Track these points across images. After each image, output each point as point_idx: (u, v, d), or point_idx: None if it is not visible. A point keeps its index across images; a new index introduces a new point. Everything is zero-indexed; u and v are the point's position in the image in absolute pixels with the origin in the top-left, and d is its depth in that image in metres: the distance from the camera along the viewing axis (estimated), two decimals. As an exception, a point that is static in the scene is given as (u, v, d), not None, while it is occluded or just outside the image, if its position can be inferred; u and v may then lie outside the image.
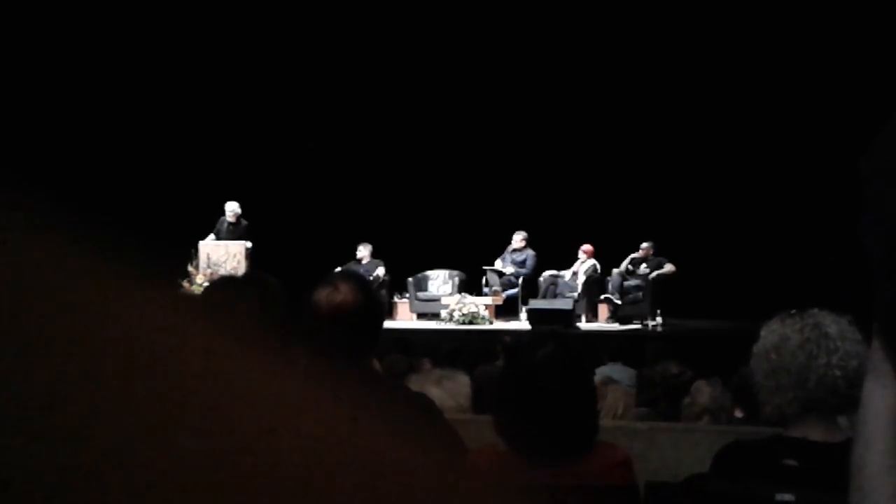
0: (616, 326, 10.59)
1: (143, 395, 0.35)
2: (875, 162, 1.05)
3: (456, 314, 10.56)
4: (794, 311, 1.93)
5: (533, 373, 1.90)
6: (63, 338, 0.35)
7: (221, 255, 10.56)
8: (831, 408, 1.84)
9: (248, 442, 0.36)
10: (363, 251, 11.49)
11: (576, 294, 10.73)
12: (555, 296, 10.85)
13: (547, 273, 11.11)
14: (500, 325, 10.61)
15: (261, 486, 0.36)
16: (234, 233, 10.93)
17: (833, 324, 1.86)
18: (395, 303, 11.57)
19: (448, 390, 3.04)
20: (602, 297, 11.05)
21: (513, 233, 11.36)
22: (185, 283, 9.95)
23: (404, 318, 11.42)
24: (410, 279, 11.59)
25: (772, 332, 1.91)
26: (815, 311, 1.91)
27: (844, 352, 1.82)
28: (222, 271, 10.08)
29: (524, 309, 10.64)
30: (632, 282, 10.88)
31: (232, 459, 0.36)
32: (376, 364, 2.13)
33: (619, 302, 10.86)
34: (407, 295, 11.58)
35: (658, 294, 10.62)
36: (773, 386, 1.87)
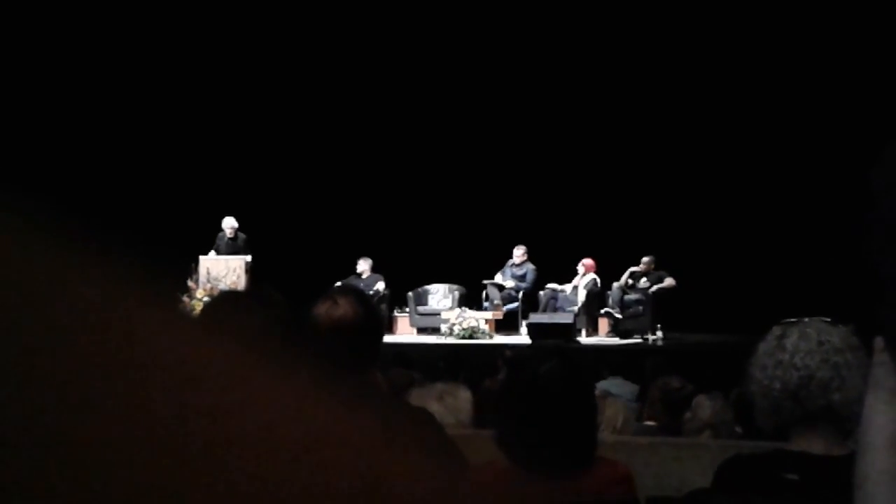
0: (616, 340, 10.56)
1: (140, 403, 0.35)
2: (886, 174, 1.05)
3: (456, 328, 10.54)
4: (785, 321, 1.93)
5: (535, 386, 1.89)
6: (63, 344, 0.35)
7: (221, 270, 10.56)
8: (788, 422, 1.84)
9: (248, 451, 0.36)
10: (363, 265, 11.49)
11: (576, 308, 10.71)
12: (555, 310, 10.83)
13: (547, 287, 11.10)
14: (500, 339, 10.58)
15: (259, 496, 0.36)
16: (232, 247, 10.94)
17: (798, 336, 1.84)
18: (395, 317, 11.56)
19: (449, 405, 3.04)
20: (602, 311, 11.02)
21: (513, 247, 11.36)
22: (185, 298, 9.94)
23: (404, 332, 11.41)
24: (410, 293, 11.58)
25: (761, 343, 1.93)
26: (804, 320, 1.90)
27: (790, 365, 1.81)
28: (222, 286, 10.06)
29: (524, 323, 10.62)
30: (632, 296, 10.86)
31: (231, 469, 0.36)
32: (379, 379, 2.12)
33: (619, 316, 10.84)
34: (407, 309, 11.57)
35: (658, 308, 10.60)
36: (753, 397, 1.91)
